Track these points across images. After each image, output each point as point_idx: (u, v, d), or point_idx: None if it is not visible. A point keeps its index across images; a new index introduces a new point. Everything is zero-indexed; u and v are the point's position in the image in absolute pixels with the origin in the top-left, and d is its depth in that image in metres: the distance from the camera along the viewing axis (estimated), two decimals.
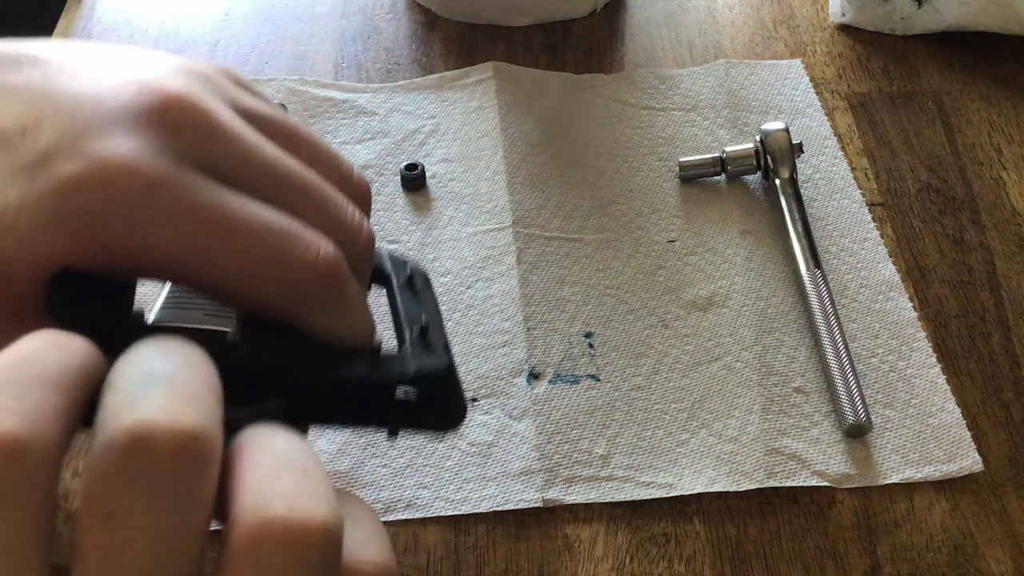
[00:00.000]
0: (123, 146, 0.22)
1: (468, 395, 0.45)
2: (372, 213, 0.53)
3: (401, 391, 0.26)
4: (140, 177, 0.22)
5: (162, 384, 0.18)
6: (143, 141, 0.22)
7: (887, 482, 0.43)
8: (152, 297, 0.25)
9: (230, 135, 0.24)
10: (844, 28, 0.66)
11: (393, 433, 0.27)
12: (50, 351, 0.18)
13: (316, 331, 0.25)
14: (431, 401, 0.26)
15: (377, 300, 0.31)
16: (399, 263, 0.31)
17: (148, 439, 0.17)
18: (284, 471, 0.19)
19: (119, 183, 0.21)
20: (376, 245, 0.30)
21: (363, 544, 0.20)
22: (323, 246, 0.24)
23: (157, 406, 0.17)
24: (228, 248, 0.23)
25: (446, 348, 0.28)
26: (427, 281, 0.31)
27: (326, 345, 0.26)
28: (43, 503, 0.17)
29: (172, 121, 0.23)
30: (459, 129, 0.58)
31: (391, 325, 0.29)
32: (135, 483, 0.17)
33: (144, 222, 0.22)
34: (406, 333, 0.28)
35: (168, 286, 0.26)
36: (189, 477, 0.17)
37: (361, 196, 0.29)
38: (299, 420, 0.21)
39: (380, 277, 0.30)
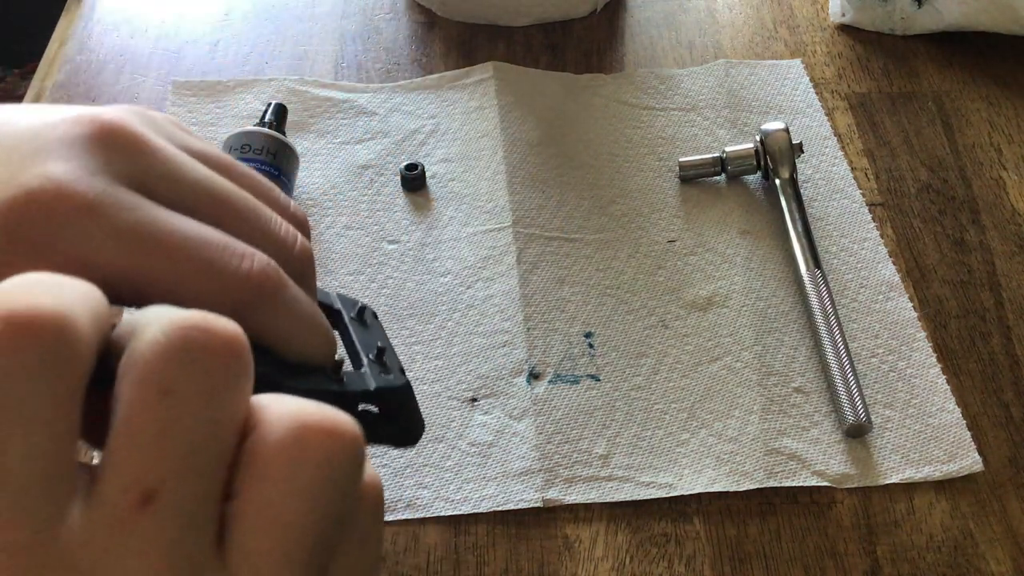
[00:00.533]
0: (57, 170, 0.23)
1: (468, 395, 0.45)
2: (372, 213, 0.53)
3: (361, 407, 0.27)
4: (75, 198, 0.23)
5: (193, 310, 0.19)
6: (78, 164, 0.23)
7: (887, 482, 0.43)
8: None
9: (162, 157, 0.25)
10: (844, 28, 0.66)
11: None
12: (68, 278, 0.19)
13: (270, 340, 0.26)
14: (391, 417, 0.28)
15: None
16: (348, 301, 0.32)
17: (207, 328, 0.18)
18: (298, 400, 0.20)
19: (54, 205, 0.22)
20: (332, 291, 0.32)
21: None
22: (256, 256, 0.25)
23: (202, 312, 0.19)
24: (165, 264, 0.24)
25: (401, 370, 0.29)
26: (375, 316, 0.32)
27: (291, 363, 0.26)
28: (79, 385, 0.17)
29: (106, 144, 0.24)
30: (459, 129, 0.58)
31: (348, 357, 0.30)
32: (195, 364, 0.18)
33: (83, 242, 0.23)
34: (362, 357, 0.29)
35: None
36: (240, 368, 0.19)
37: (298, 222, 0.30)
38: None
39: (330, 313, 0.31)
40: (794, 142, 0.54)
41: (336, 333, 0.31)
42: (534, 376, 0.46)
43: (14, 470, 0.16)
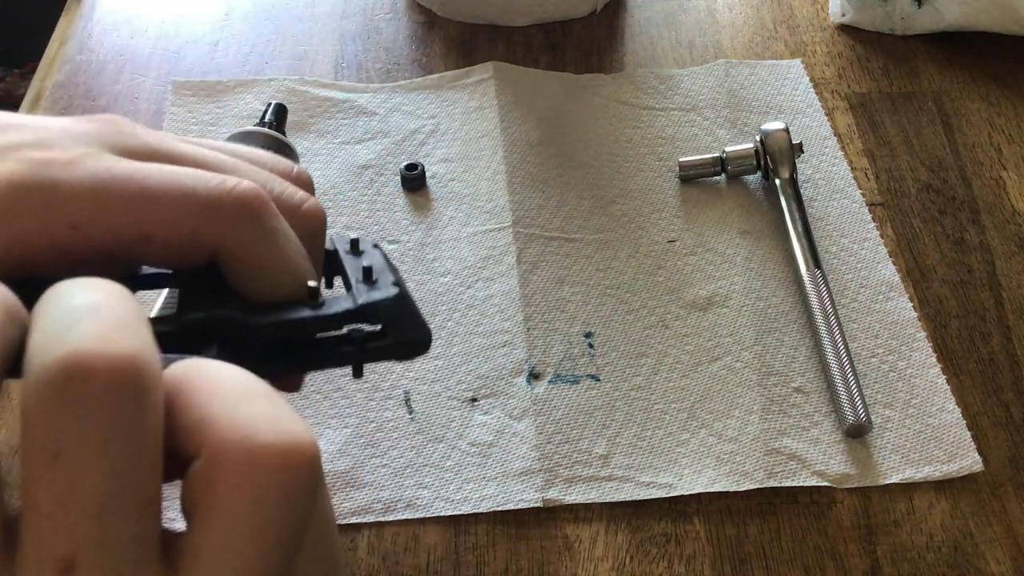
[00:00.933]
0: (55, 149, 0.24)
1: (468, 395, 0.45)
2: (372, 213, 0.53)
3: (351, 328, 0.26)
4: (60, 158, 0.24)
5: (88, 314, 0.17)
6: (73, 143, 0.25)
7: (887, 482, 0.43)
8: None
9: (150, 135, 0.27)
10: (844, 28, 0.66)
11: (358, 373, 0.27)
12: None
13: (245, 270, 0.26)
14: (387, 331, 0.27)
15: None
16: (342, 237, 0.31)
17: (84, 368, 0.16)
18: (249, 397, 0.18)
19: (43, 169, 0.24)
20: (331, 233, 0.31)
21: None
22: (243, 181, 0.25)
23: (88, 334, 0.16)
24: (141, 198, 0.24)
25: (396, 283, 0.28)
26: (375, 245, 0.31)
27: (268, 304, 0.26)
28: None
29: (98, 128, 0.26)
30: (459, 129, 0.58)
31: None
32: (77, 417, 0.16)
33: (64, 187, 0.24)
34: (352, 280, 0.28)
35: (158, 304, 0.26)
36: (133, 404, 0.16)
37: (303, 183, 0.30)
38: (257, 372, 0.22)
39: (327, 257, 0.31)
40: (794, 142, 0.54)
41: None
42: (534, 376, 0.46)
43: None
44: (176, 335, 0.24)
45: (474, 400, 0.45)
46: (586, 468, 0.43)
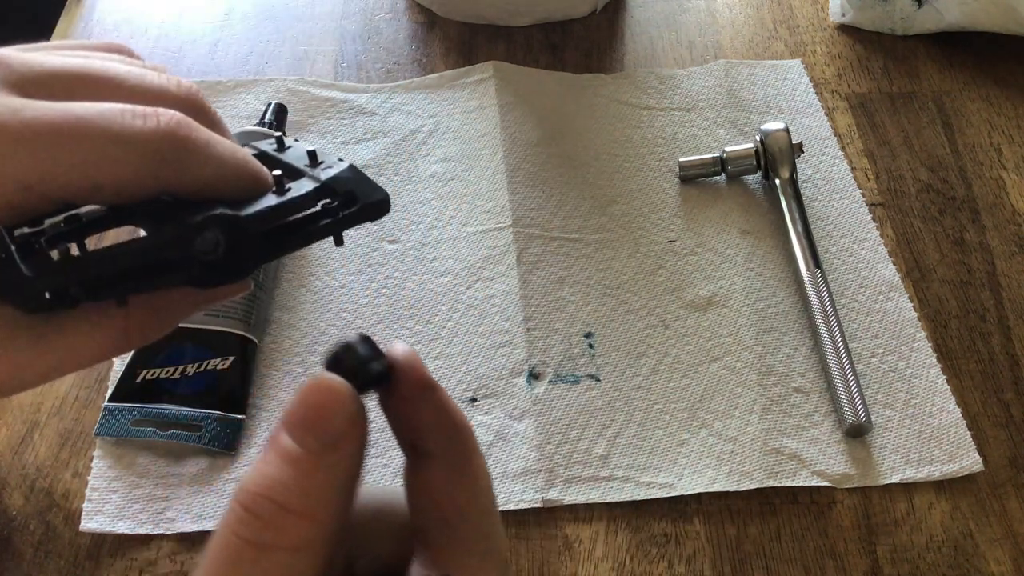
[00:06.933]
0: None
1: (468, 395, 0.45)
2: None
3: (322, 204, 0.29)
4: None
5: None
6: None
7: (887, 482, 0.43)
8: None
9: (17, 59, 0.26)
10: (844, 28, 0.66)
11: (339, 241, 0.29)
12: None
13: (205, 186, 0.27)
14: (351, 198, 0.29)
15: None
16: (259, 133, 0.33)
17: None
18: None
19: None
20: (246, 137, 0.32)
21: None
22: (158, 110, 0.26)
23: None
24: (75, 148, 0.24)
25: (340, 159, 0.30)
26: (296, 140, 0.34)
27: (240, 201, 0.28)
28: None
29: None
30: (459, 129, 0.58)
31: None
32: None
33: (9, 152, 0.24)
34: (299, 166, 0.30)
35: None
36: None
37: (158, 70, 0.31)
38: (246, 259, 0.25)
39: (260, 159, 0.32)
40: (794, 142, 0.54)
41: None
42: (534, 376, 0.46)
43: None
44: (175, 244, 0.25)
45: (474, 400, 0.45)
46: (586, 468, 0.43)
